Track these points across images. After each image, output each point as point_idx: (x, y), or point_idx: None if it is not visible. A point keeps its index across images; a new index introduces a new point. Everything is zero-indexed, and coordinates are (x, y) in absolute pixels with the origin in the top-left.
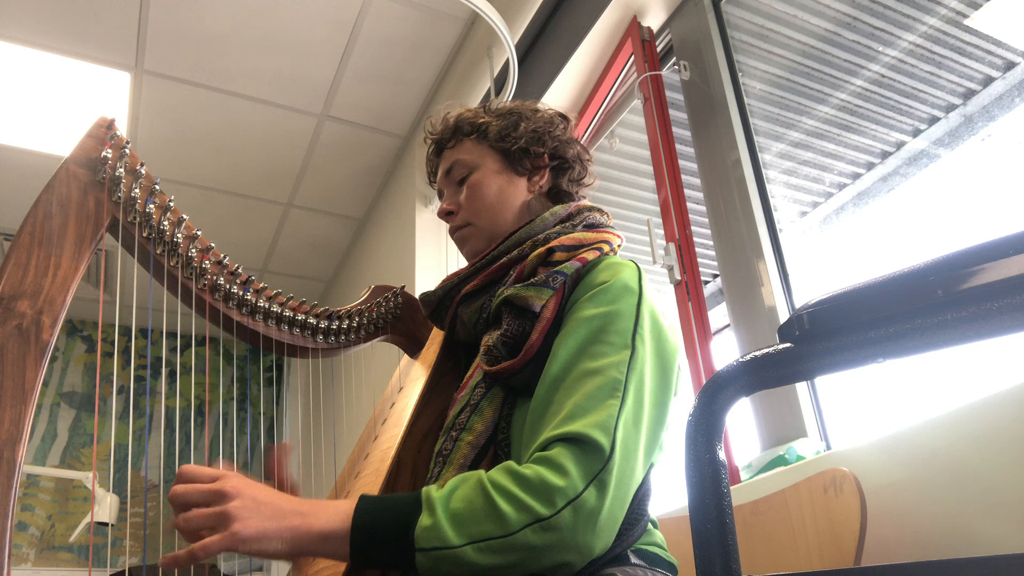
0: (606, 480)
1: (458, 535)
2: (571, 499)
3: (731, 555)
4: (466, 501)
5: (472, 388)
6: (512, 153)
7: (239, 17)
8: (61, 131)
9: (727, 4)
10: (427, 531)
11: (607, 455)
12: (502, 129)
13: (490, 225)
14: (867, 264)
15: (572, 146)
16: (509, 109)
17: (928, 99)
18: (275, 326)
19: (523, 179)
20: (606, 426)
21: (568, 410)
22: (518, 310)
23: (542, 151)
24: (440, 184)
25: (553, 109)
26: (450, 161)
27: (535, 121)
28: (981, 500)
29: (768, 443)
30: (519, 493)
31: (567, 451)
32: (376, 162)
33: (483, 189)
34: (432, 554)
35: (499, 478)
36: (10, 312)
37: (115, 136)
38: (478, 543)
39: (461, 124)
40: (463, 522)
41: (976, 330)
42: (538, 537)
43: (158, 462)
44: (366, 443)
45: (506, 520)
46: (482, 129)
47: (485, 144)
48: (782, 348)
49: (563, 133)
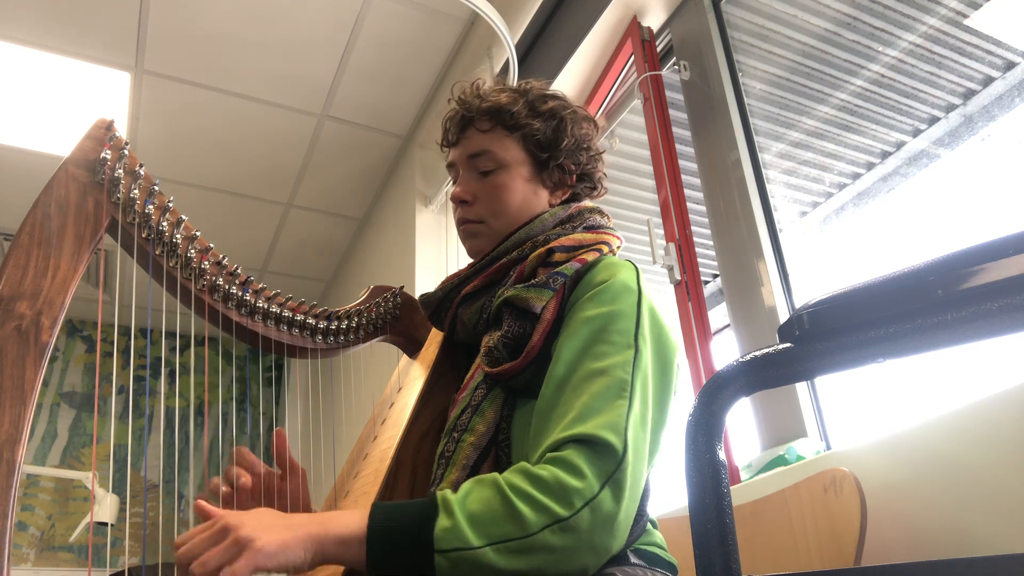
0: (621, 481)
1: (478, 536)
2: (588, 500)
3: (731, 555)
4: (484, 503)
5: (473, 389)
6: (547, 164)
7: (239, 17)
8: (61, 131)
9: (727, 4)
10: (446, 532)
11: (620, 456)
12: (546, 139)
13: (504, 229)
14: (867, 264)
15: (599, 166)
16: (552, 110)
17: (928, 99)
18: (274, 326)
19: (547, 191)
20: (617, 427)
21: (577, 411)
22: (519, 311)
23: (575, 169)
24: (459, 162)
25: (588, 114)
26: (479, 147)
27: (575, 135)
28: (981, 500)
29: (768, 443)
30: (537, 494)
31: (580, 452)
32: (376, 162)
33: (508, 194)
34: (451, 555)
35: (516, 480)
36: (9, 313)
37: (114, 137)
38: (498, 544)
39: (501, 112)
40: (482, 523)
41: (976, 330)
42: (557, 538)
43: (158, 462)
44: (365, 443)
45: (525, 521)
46: (525, 131)
47: (521, 145)
48: (782, 348)
49: (596, 151)
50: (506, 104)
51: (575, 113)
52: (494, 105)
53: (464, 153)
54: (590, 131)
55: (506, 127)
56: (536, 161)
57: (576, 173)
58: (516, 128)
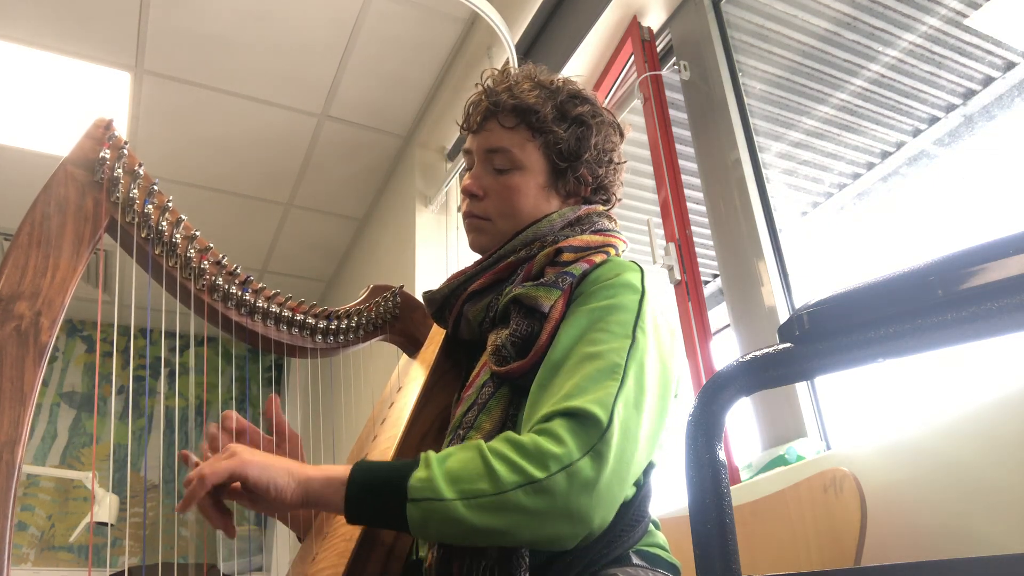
0: (603, 452)
1: (450, 490)
2: (565, 465)
3: (731, 555)
4: (462, 462)
5: (480, 387)
6: (564, 174)
7: (239, 17)
8: (61, 131)
9: (727, 4)
10: (420, 482)
11: (604, 427)
12: (568, 149)
13: (511, 230)
14: (867, 264)
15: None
16: (579, 115)
17: (928, 99)
18: (274, 326)
19: (559, 199)
20: (604, 402)
21: (567, 390)
22: (527, 309)
23: (592, 182)
24: (475, 152)
25: (613, 117)
26: (498, 143)
27: (599, 148)
28: (981, 500)
29: (768, 443)
30: (514, 456)
31: (564, 423)
32: (376, 162)
33: (521, 198)
34: (422, 504)
35: (497, 444)
36: (8, 313)
37: (113, 136)
38: (469, 500)
39: (528, 111)
40: (457, 479)
41: (976, 330)
42: (529, 499)
43: (158, 462)
44: (365, 443)
45: (498, 479)
46: (548, 137)
47: (542, 151)
48: (782, 348)
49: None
50: (534, 104)
51: (603, 121)
52: (521, 103)
53: (483, 145)
54: (615, 141)
55: (530, 128)
56: (554, 169)
57: (592, 186)
58: (540, 132)
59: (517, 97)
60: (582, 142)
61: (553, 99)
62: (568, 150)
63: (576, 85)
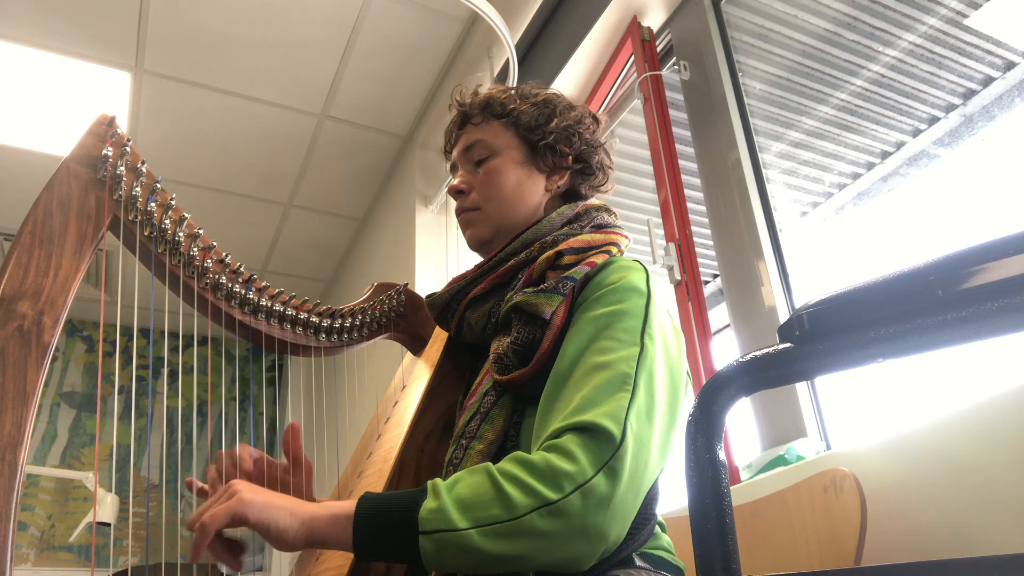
0: (617, 468)
1: (463, 518)
2: (580, 484)
3: (731, 555)
4: (472, 487)
5: (482, 396)
6: (538, 147)
7: (239, 17)
8: (61, 131)
9: (727, 4)
10: (432, 513)
11: (618, 443)
12: (534, 120)
13: (499, 215)
14: (867, 264)
15: (598, 151)
16: (544, 99)
17: (928, 99)
18: (277, 325)
19: (543, 176)
20: (616, 416)
21: (577, 403)
22: (528, 317)
23: (568, 152)
24: (456, 159)
25: (586, 107)
26: (472, 139)
27: (567, 118)
28: (981, 500)
29: (768, 443)
30: (526, 478)
31: (576, 439)
32: (376, 162)
33: (501, 177)
34: (435, 537)
35: (507, 466)
36: (11, 313)
37: (116, 134)
38: (484, 527)
39: (492, 103)
40: (469, 506)
41: (976, 330)
42: (545, 522)
43: (158, 462)
44: (369, 441)
45: (512, 504)
46: (513, 115)
47: (512, 131)
48: (782, 348)
49: (592, 136)
50: (499, 97)
51: (572, 107)
52: (488, 98)
53: (460, 148)
54: (585, 119)
55: (496, 115)
56: (527, 143)
57: (571, 155)
58: (505, 114)
59: (483, 96)
60: (548, 115)
61: (516, 91)
62: (534, 122)
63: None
